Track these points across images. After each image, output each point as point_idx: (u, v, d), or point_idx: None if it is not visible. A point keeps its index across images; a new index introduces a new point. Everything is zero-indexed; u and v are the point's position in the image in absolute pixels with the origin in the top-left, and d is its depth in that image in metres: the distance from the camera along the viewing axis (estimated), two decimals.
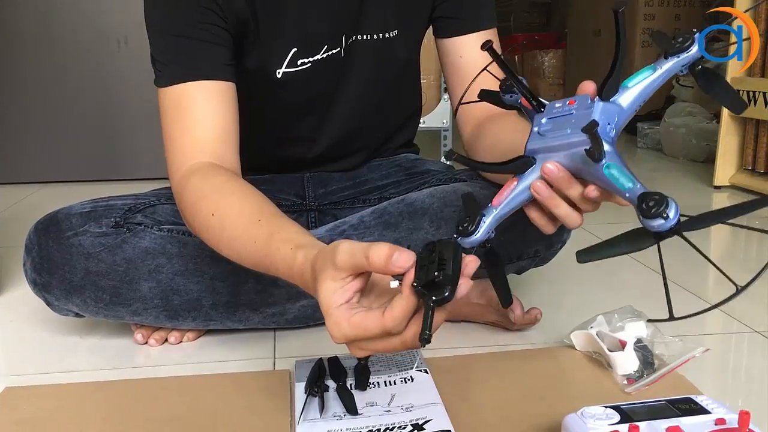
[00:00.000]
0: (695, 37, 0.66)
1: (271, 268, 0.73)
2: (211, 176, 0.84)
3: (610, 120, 0.66)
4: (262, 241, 0.74)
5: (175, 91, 0.88)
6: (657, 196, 0.59)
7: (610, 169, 0.63)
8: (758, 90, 1.92)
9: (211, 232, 0.81)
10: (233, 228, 0.78)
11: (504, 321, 1.01)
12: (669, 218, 0.59)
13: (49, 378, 0.92)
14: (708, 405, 0.65)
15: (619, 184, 0.63)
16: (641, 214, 0.60)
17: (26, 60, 2.30)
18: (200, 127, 0.87)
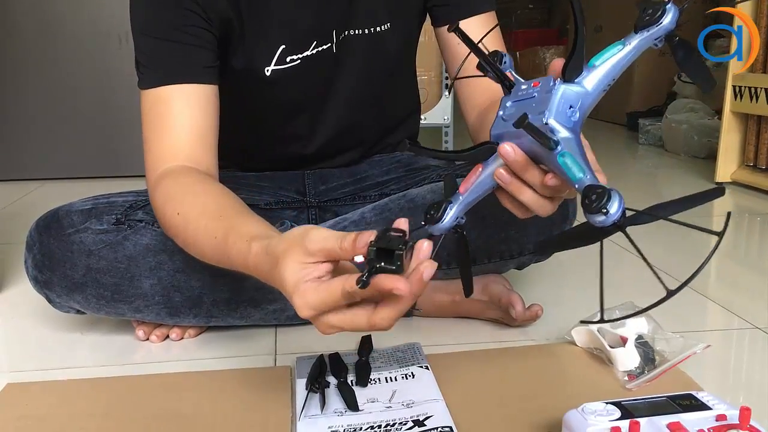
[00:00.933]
0: (667, 8, 0.61)
1: (230, 263, 0.73)
2: (181, 178, 0.85)
3: (573, 103, 0.63)
4: (221, 236, 0.74)
5: (154, 94, 0.89)
6: (599, 190, 0.56)
7: (564, 157, 0.60)
8: (760, 86, 1.91)
9: (177, 231, 0.82)
10: (196, 226, 0.78)
11: (505, 317, 1.01)
12: (609, 214, 0.55)
13: (50, 374, 0.92)
14: (709, 401, 0.65)
15: (570, 173, 0.60)
16: (583, 208, 0.57)
17: (27, 57, 2.29)
18: (176, 131, 0.88)
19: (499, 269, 1.05)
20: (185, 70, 0.88)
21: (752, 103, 1.95)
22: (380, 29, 1.00)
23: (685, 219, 0.58)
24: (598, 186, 0.56)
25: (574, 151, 0.61)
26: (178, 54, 0.88)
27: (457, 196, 0.71)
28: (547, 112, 0.62)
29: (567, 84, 0.63)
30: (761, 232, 1.70)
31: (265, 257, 0.66)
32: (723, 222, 0.55)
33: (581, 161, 0.60)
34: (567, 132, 0.62)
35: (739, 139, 2.08)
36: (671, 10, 0.61)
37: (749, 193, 1.99)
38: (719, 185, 2.05)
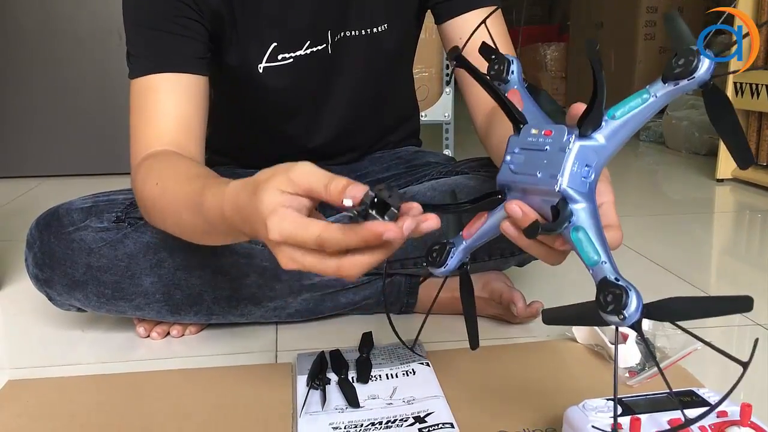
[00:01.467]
0: (700, 57, 0.53)
1: (205, 218, 0.70)
2: (163, 156, 0.84)
3: (589, 162, 0.56)
4: (197, 191, 0.71)
5: (143, 82, 0.88)
6: (617, 290, 0.50)
7: (577, 232, 0.55)
8: (761, 83, 1.91)
9: (154, 202, 0.80)
10: (174, 191, 0.77)
11: (506, 314, 1.01)
12: (627, 318, 0.50)
13: (51, 371, 0.92)
14: (710, 397, 0.65)
15: (584, 254, 0.54)
16: (597, 306, 0.51)
17: (27, 54, 2.29)
18: (162, 119, 0.87)
19: (500, 266, 1.05)
20: (174, 60, 0.88)
21: (753, 100, 1.95)
22: (377, 30, 0.99)
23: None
24: (615, 284, 0.51)
25: (589, 224, 0.55)
26: (168, 44, 0.88)
27: (460, 240, 0.69)
28: (560, 178, 0.55)
29: (582, 140, 0.56)
30: (762, 228, 1.70)
31: (243, 188, 0.62)
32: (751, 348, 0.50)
33: (596, 238, 0.54)
34: (582, 199, 0.56)
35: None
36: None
37: (750, 190, 1.99)
38: (721, 179, 2.02)
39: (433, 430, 0.72)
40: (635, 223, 1.67)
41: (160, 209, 0.80)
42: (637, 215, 1.71)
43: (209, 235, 0.74)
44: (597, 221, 0.56)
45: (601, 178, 0.62)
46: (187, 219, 0.74)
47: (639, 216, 1.73)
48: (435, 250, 0.69)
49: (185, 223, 0.76)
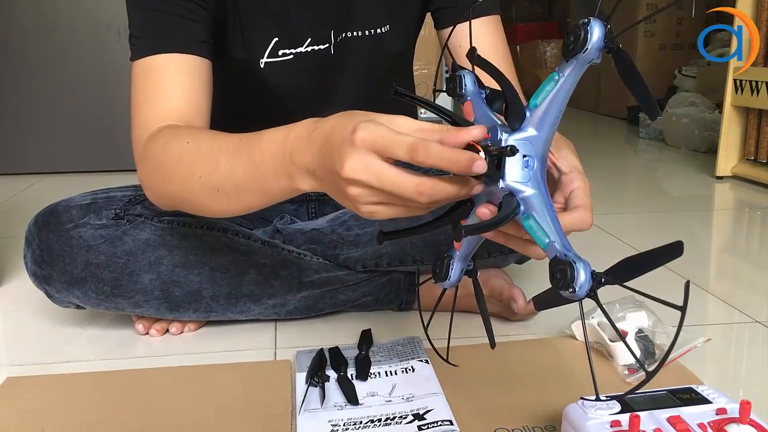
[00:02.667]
0: (590, 27, 0.54)
1: (257, 150, 0.69)
2: (182, 126, 0.83)
3: (526, 152, 0.58)
4: (251, 135, 0.71)
5: (147, 62, 0.87)
6: (562, 266, 0.53)
7: (528, 220, 0.57)
8: (761, 80, 1.91)
9: (183, 159, 0.77)
10: (213, 140, 0.75)
11: (505, 311, 1.01)
12: (577, 290, 0.53)
13: (50, 368, 0.92)
14: (709, 395, 0.65)
15: (536, 238, 0.57)
16: (551, 283, 0.55)
17: (26, 51, 2.29)
18: (170, 98, 0.85)
19: (500, 264, 1.05)
20: (179, 40, 0.87)
21: (753, 97, 1.95)
22: (380, 31, 0.99)
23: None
24: (562, 261, 0.54)
25: (537, 209, 0.57)
26: (173, 24, 0.87)
27: (454, 252, 0.71)
28: (522, 159, 0.58)
29: (514, 134, 0.59)
30: (762, 226, 1.70)
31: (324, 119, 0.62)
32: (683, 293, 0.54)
33: (545, 220, 0.57)
34: (528, 188, 0.58)
35: (740, 132, 2.08)
36: (596, 26, 0.54)
37: (750, 187, 1.99)
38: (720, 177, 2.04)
39: (433, 427, 0.72)
40: (635, 220, 1.67)
41: (188, 166, 0.76)
42: (637, 212, 1.71)
43: (246, 181, 0.71)
44: (546, 205, 0.58)
45: (571, 169, 0.67)
46: (225, 164, 0.72)
47: (638, 213, 1.73)
48: (437, 266, 0.72)
49: (220, 171, 0.73)
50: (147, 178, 0.84)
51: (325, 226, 1.03)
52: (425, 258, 1.01)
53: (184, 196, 0.79)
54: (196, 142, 0.77)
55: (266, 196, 0.72)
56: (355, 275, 1.03)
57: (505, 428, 0.73)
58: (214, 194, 0.75)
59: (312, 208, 1.13)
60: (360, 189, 0.58)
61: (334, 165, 0.58)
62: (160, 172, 0.80)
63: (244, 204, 0.74)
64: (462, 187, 0.58)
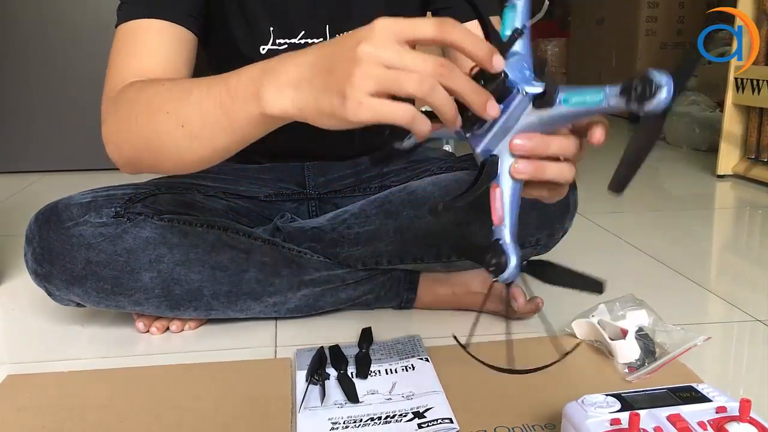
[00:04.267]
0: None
1: (232, 78, 0.67)
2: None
3: (521, 67, 0.59)
4: (228, 73, 0.68)
5: (131, 25, 0.86)
6: (639, 79, 0.53)
7: (570, 99, 0.57)
8: (762, 78, 1.91)
9: (160, 93, 0.75)
10: (191, 80, 0.73)
11: (506, 310, 1.01)
12: (666, 88, 0.52)
13: (50, 366, 0.92)
14: (709, 393, 0.65)
15: (590, 102, 0.56)
16: (636, 102, 0.53)
17: (27, 49, 2.29)
18: (149, 57, 0.84)
19: None
20: (169, 8, 0.86)
21: (754, 96, 1.95)
22: None
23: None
24: (632, 79, 0.53)
25: (567, 89, 0.58)
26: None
27: (500, 230, 0.63)
28: (518, 86, 0.58)
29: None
30: (762, 224, 1.70)
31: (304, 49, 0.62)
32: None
33: (583, 89, 0.57)
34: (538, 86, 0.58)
35: (741, 131, 2.08)
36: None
37: (751, 186, 1.99)
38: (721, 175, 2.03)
39: (432, 425, 0.72)
40: (636, 219, 1.67)
41: (160, 102, 0.74)
42: (638, 211, 1.71)
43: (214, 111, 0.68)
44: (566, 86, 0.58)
45: None
46: (196, 95, 0.70)
47: (640, 212, 1.72)
48: (491, 257, 0.62)
49: (189, 104, 0.70)
50: (112, 125, 0.81)
51: (325, 224, 1.03)
52: (425, 256, 1.01)
53: (147, 139, 0.75)
54: (174, 81, 0.75)
55: (232, 130, 0.68)
56: (355, 273, 1.03)
57: (505, 426, 0.73)
58: (177, 131, 0.71)
59: (312, 206, 1.13)
60: (369, 68, 0.55)
61: (343, 53, 0.56)
62: (128, 116, 0.78)
63: (208, 141, 0.70)
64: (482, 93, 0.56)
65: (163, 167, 0.79)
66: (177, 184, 1.04)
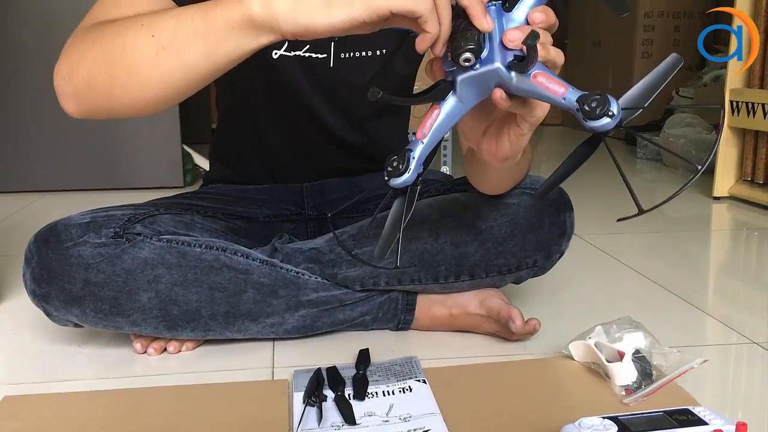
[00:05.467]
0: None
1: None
2: None
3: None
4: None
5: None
6: (597, 96, 0.58)
7: (536, 78, 0.61)
8: (757, 101, 1.92)
9: (137, 17, 0.73)
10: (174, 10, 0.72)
11: (502, 331, 1.02)
12: (615, 114, 0.57)
13: (48, 387, 0.92)
14: (706, 416, 0.65)
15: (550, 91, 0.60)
16: (584, 118, 0.58)
17: (27, 68, 2.30)
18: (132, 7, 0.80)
19: (497, 284, 1.06)
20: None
21: (749, 118, 1.96)
22: (386, 52, 1.00)
23: None
24: (593, 93, 0.58)
25: (545, 70, 0.62)
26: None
27: (417, 143, 0.68)
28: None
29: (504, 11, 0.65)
30: (759, 246, 1.70)
31: None
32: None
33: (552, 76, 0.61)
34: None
35: (737, 153, 2.09)
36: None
37: (747, 208, 2.00)
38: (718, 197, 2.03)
39: None
40: (632, 240, 1.67)
41: (135, 19, 0.73)
42: (634, 232, 1.72)
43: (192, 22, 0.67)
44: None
45: None
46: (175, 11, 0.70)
47: (636, 233, 1.73)
48: (395, 159, 0.68)
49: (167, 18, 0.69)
50: (72, 50, 0.79)
51: (323, 245, 1.04)
52: (423, 277, 1.01)
53: (108, 54, 0.72)
54: (154, 14, 0.72)
55: (204, 38, 0.67)
56: (353, 294, 1.03)
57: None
58: (146, 41, 0.69)
59: (311, 227, 1.14)
60: None
61: None
62: (94, 38, 0.75)
63: (176, 53, 0.69)
64: None
65: (117, 96, 0.75)
66: (176, 204, 1.05)
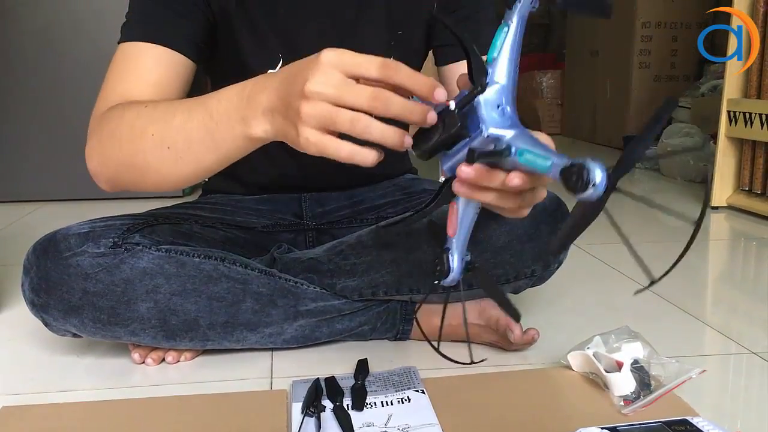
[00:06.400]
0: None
1: (213, 100, 0.71)
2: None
3: (498, 102, 0.63)
4: (200, 98, 0.73)
5: (129, 46, 0.89)
6: (575, 168, 0.55)
7: (523, 155, 0.59)
8: (754, 111, 1.93)
9: (142, 116, 0.79)
10: (170, 102, 0.77)
11: (501, 341, 1.02)
12: (598, 184, 0.54)
13: (46, 397, 0.92)
14: (704, 426, 0.65)
15: (537, 166, 0.59)
16: (570, 191, 0.56)
17: (26, 78, 2.31)
18: (139, 82, 0.87)
19: None
20: (169, 34, 0.89)
21: (747, 128, 1.97)
22: None
23: None
24: (572, 164, 0.55)
25: (529, 142, 0.60)
26: (166, 18, 0.90)
27: (451, 241, 0.71)
28: (483, 126, 0.62)
29: (485, 93, 0.63)
30: (757, 256, 1.71)
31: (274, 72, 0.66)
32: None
33: (540, 150, 0.59)
34: (511, 130, 0.62)
35: (735, 163, 2.10)
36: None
37: (745, 218, 2.00)
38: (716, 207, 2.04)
39: None
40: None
41: (142, 126, 0.78)
42: (633, 242, 1.72)
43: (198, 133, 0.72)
44: (531, 138, 0.61)
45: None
46: (180, 118, 0.74)
47: (634, 243, 1.73)
48: (437, 263, 0.71)
49: (174, 126, 0.74)
50: (96, 144, 0.85)
51: (322, 255, 1.04)
52: (422, 287, 1.01)
53: (132, 158, 0.79)
54: (154, 104, 0.78)
55: (217, 150, 0.72)
56: (351, 304, 1.03)
57: None
58: (163, 152, 0.76)
59: (309, 237, 1.14)
60: (313, 105, 0.61)
61: (296, 87, 0.61)
62: (111, 137, 0.82)
63: (194, 161, 0.75)
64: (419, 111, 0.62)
65: (145, 185, 0.82)
66: (174, 214, 1.05)
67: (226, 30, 0.95)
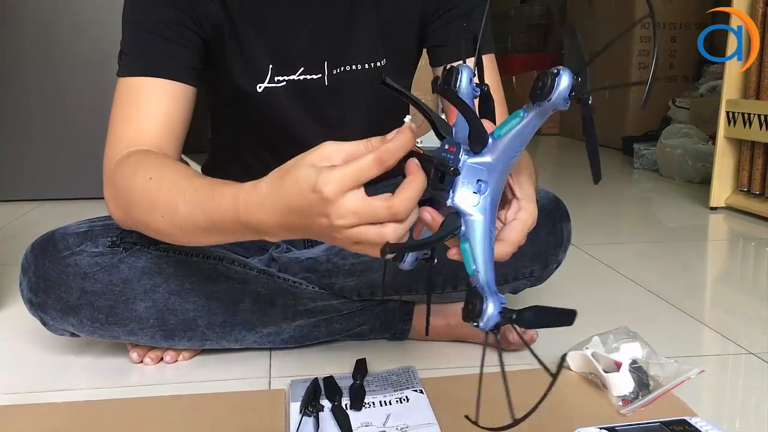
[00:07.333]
0: (557, 79, 0.55)
1: (208, 211, 0.72)
2: (152, 154, 0.85)
3: (480, 177, 0.60)
4: (206, 188, 0.73)
5: (130, 83, 0.89)
6: (474, 299, 0.56)
7: (464, 243, 0.59)
8: (753, 112, 1.93)
9: (146, 196, 0.80)
10: (173, 183, 0.78)
11: (501, 341, 1.01)
12: (481, 325, 0.57)
13: (44, 397, 0.92)
14: (703, 426, 0.65)
15: (466, 261, 0.59)
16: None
17: (26, 77, 2.30)
18: (145, 119, 0.88)
19: None
20: (165, 66, 0.89)
21: (745, 129, 1.97)
22: (378, 65, 1.00)
23: None
24: (475, 294, 0.56)
25: (477, 238, 0.59)
26: (163, 49, 0.90)
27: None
28: (451, 193, 0.60)
29: (474, 157, 0.60)
30: (756, 257, 1.71)
31: (268, 178, 0.66)
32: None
33: (481, 251, 0.58)
34: (476, 212, 0.60)
35: (733, 164, 2.10)
36: (564, 76, 0.55)
37: (743, 218, 2.00)
38: (714, 208, 2.03)
39: None
40: (629, 251, 1.67)
41: (150, 203, 0.80)
42: (631, 243, 1.72)
43: (209, 230, 0.74)
44: (486, 235, 0.60)
45: (525, 197, 0.68)
46: (185, 212, 0.75)
47: (633, 243, 1.73)
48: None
49: (181, 218, 0.76)
50: (112, 200, 0.86)
51: (320, 254, 1.04)
52: (420, 288, 1.01)
53: (147, 225, 0.82)
54: (158, 181, 0.79)
55: (226, 238, 0.75)
56: (350, 304, 1.03)
57: None
58: (174, 230, 0.78)
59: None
60: (346, 235, 0.61)
61: (320, 222, 0.61)
62: (124, 200, 0.84)
63: (206, 241, 0.78)
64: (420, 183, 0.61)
65: (160, 237, 0.84)
66: None
67: (216, 43, 0.95)
